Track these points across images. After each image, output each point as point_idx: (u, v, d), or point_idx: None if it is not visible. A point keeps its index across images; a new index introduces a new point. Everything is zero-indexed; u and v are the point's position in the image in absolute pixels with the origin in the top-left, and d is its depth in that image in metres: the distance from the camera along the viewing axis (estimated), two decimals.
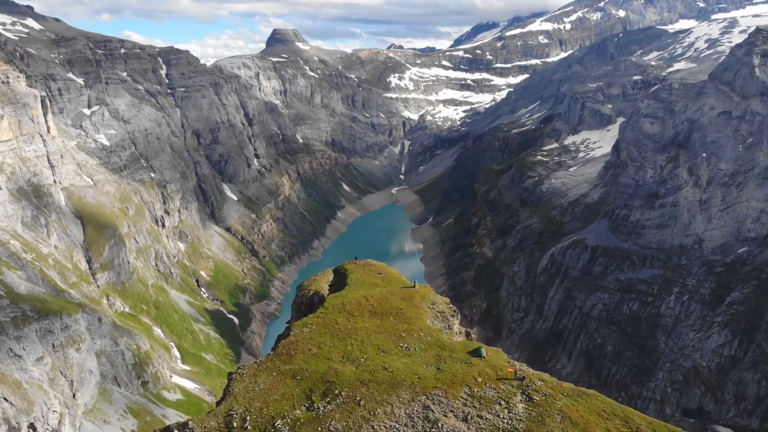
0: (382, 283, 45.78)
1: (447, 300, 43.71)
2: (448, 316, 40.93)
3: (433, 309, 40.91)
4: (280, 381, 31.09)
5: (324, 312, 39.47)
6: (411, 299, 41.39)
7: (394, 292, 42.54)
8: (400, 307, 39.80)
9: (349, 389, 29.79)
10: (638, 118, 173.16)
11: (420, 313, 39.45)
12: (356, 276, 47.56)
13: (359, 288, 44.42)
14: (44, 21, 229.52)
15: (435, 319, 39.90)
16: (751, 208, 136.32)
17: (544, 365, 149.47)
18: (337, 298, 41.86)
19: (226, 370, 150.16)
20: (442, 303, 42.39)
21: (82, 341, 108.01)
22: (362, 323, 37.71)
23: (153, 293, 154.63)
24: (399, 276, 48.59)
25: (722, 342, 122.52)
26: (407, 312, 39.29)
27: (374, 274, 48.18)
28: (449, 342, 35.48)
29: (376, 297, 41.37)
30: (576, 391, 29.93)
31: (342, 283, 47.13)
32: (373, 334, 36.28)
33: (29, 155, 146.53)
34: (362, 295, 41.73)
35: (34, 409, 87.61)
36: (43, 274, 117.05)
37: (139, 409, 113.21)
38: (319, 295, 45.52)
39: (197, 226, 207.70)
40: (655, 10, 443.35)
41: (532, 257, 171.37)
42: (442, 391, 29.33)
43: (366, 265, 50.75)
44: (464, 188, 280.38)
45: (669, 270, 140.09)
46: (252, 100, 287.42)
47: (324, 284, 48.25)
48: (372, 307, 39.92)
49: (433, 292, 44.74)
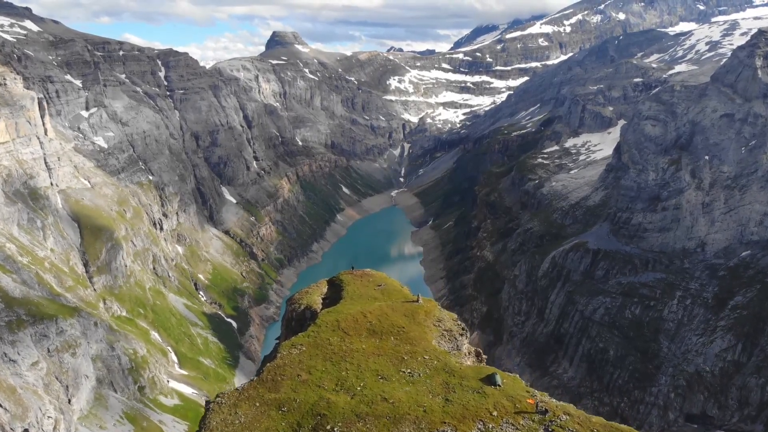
0: (381, 297, 42.24)
1: (455, 316, 40.15)
2: (456, 335, 37.20)
3: (440, 327, 37.22)
4: (263, 413, 28.19)
5: (316, 330, 35.88)
6: (414, 315, 37.94)
7: (395, 308, 39.26)
8: (402, 325, 36.38)
9: (343, 424, 26.72)
10: (640, 120, 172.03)
11: (425, 332, 35.95)
12: (353, 288, 43.87)
13: (356, 302, 40.98)
14: (42, 23, 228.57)
15: (441, 338, 36.25)
16: (754, 211, 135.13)
17: (545, 370, 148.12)
18: (330, 314, 38.31)
19: (224, 374, 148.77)
20: (449, 320, 38.87)
21: (77, 346, 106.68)
22: (359, 344, 34.14)
23: (150, 297, 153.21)
24: (400, 288, 44.92)
25: (726, 346, 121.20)
26: (410, 331, 35.83)
27: (373, 286, 44.51)
28: (458, 367, 31.76)
29: (374, 313, 38.00)
30: (608, 428, 26.16)
31: (337, 296, 43.49)
32: (371, 356, 32.86)
33: (26, 157, 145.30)
34: (359, 311, 38.39)
35: (28, 415, 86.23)
36: (38, 278, 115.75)
37: (136, 414, 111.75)
38: (311, 310, 42.12)
39: (195, 228, 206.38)
40: (655, 12, 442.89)
41: (533, 260, 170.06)
42: (452, 428, 26.20)
43: (364, 275, 47.08)
44: (464, 191, 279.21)
45: (671, 274, 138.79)
46: (251, 103, 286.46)
47: (317, 297, 44.68)
48: (370, 324, 36.45)
49: (439, 306, 41.02)
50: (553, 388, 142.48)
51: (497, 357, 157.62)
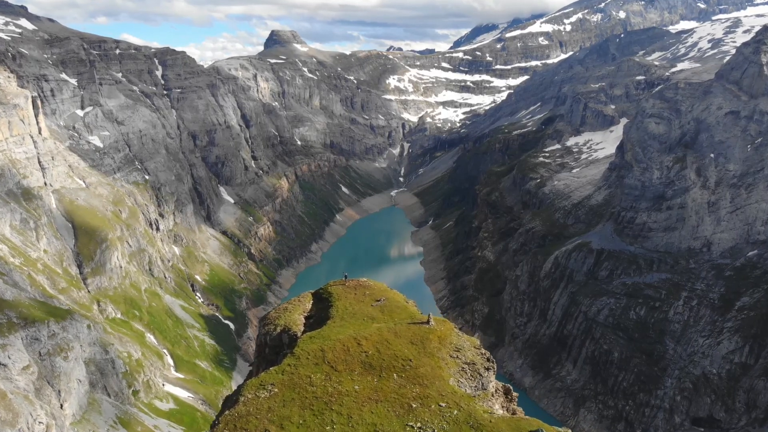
0: (381, 316, 33.15)
1: (476, 342, 30.76)
2: (481, 369, 28.05)
3: (458, 359, 28.31)
4: None
5: (293, 363, 27.16)
6: (424, 343, 29.02)
7: (398, 332, 30.12)
8: (409, 357, 27.73)
9: None
10: (643, 118, 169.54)
11: (439, 367, 27.39)
12: (344, 304, 34.75)
13: (347, 323, 31.88)
14: (38, 21, 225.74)
15: (462, 375, 27.43)
16: (761, 210, 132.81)
17: (548, 372, 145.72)
18: (314, 341, 29.35)
19: (221, 377, 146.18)
20: (470, 348, 29.52)
21: (69, 349, 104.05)
22: (350, 384, 25.70)
23: (146, 298, 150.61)
24: (405, 304, 35.57)
25: (732, 348, 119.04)
26: (420, 365, 27.18)
27: (370, 301, 35.38)
28: (488, 419, 23.61)
29: (372, 339, 29.07)
30: None
31: (324, 314, 34.32)
32: (366, 403, 24.64)
33: (19, 157, 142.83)
34: (351, 336, 29.36)
35: (18, 421, 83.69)
36: (31, 279, 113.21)
37: (130, 419, 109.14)
38: (289, 334, 32.89)
39: (192, 229, 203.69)
40: (655, 11, 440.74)
41: (535, 261, 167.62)
42: None
43: (359, 286, 37.50)
44: (464, 190, 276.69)
45: (677, 274, 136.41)
46: (249, 102, 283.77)
47: (297, 315, 35.15)
48: (366, 356, 27.68)
49: (456, 330, 31.46)
50: (557, 391, 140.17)
51: (499, 359, 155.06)
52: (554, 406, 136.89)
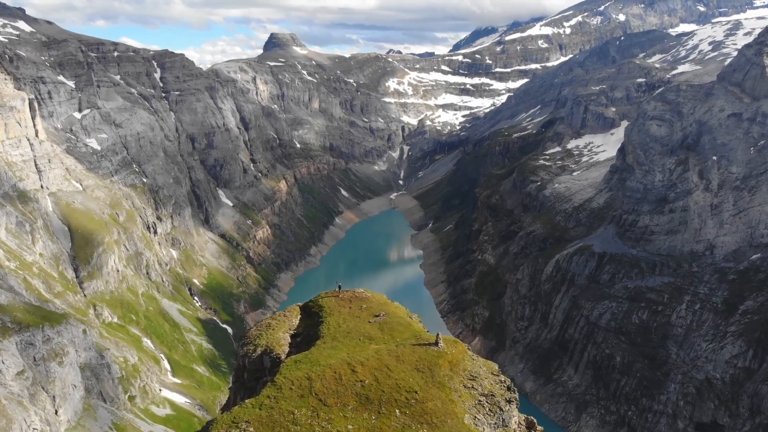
0: (380, 335, 27.76)
1: (495, 368, 25.88)
2: (501, 401, 22.98)
3: (474, 390, 23.09)
4: None
5: (274, 396, 22.23)
6: (433, 370, 23.76)
7: (401, 355, 24.72)
8: (414, 388, 22.51)
9: None
10: (645, 120, 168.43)
11: (451, 401, 22.23)
12: (336, 320, 29.32)
13: (340, 344, 26.64)
14: (36, 23, 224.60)
15: (479, 410, 22.34)
16: (764, 213, 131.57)
17: (550, 377, 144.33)
18: (299, 367, 24.10)
19: (219, 382, 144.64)
20: (487, 375, 24.27)
21: (65, 354, 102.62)
22: (342, 422, 20.75)
23: (143, 302, 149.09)
24: (408, 320, 30.09)
25: (736, 353, 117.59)
26: (427, 398, 22.07)
27: (367, 317, 29.70)
28: None
29: (369, 365, 23.76)
30: None
31: (313, 331, 28.97)
32: None
33: (15, 159, 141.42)
34: (344, 361, 24.17)
35: (12, 427, 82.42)
36: (26, 283, 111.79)
37: (126, 425, 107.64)
38: (271, 356, 27.62)
39: (190, 232, 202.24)
40: (655, 14, 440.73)
41: (536, 264, 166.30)
42: None
43: (354, 299, 32.08)
44: (464, 193, 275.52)
45: (679, 277, 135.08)
46: (248, 104, 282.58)
47: (282, 334, 29.47)
48: (362, 386, 22.61)
49: (469, 352, 26.07)
50: (558, 396, 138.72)
51: (500, 364, 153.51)
52: (556, 411, 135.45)
